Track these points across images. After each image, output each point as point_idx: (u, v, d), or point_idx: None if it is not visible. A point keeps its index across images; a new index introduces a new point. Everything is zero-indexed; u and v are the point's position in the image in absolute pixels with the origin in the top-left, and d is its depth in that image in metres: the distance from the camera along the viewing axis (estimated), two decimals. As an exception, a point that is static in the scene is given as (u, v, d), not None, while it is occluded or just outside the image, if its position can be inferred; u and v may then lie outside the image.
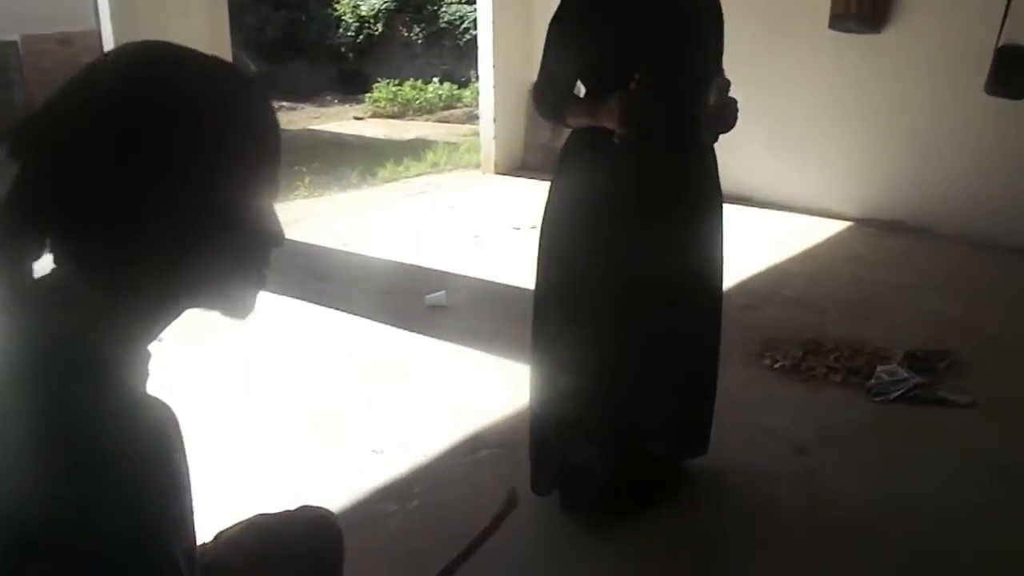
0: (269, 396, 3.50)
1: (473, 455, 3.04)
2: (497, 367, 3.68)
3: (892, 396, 3.39)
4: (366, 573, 1.60)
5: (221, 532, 1.50)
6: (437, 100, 11.62)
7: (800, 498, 2.78)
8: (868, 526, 2.63)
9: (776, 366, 3.65)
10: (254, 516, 1.56)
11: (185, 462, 0.96)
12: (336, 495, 2.68)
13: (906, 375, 3.48)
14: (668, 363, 2.60)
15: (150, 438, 0.90)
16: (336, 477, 2.86)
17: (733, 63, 2.57)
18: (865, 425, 3.24)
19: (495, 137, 7.31)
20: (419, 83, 11.88)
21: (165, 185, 0.91)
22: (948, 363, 3.64)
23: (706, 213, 2.59)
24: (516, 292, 4.37)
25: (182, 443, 0.96)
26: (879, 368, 3.55)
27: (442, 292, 4.41)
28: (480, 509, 2.62)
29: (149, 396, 0.96)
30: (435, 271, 4.89)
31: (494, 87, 7.23)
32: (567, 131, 2.53)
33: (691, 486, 2.81)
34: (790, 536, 2.60)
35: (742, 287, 4.49)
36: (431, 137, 9.47)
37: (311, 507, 1.61)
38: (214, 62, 0.98)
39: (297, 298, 4.47)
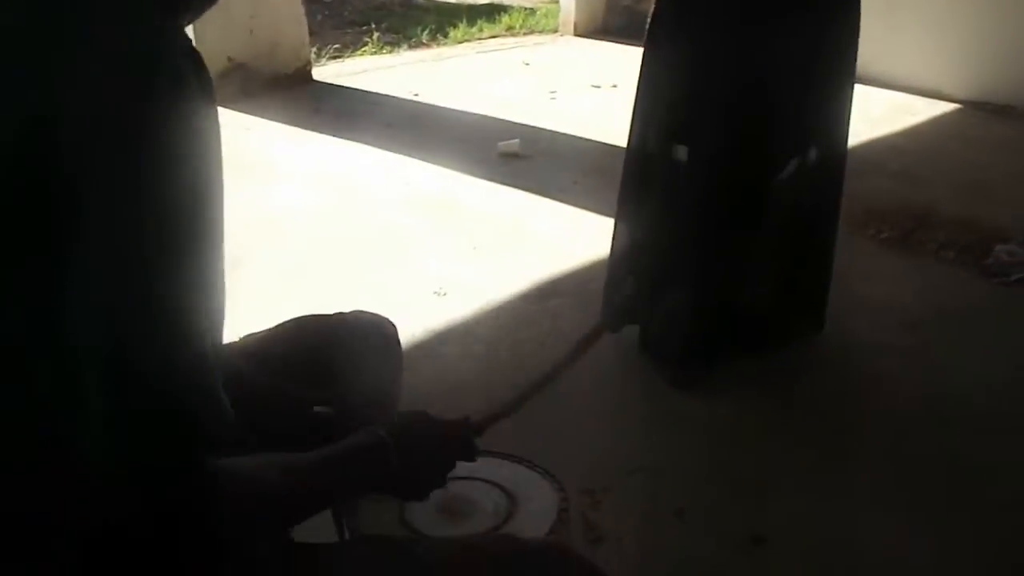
0: (333, 233, 3.30)
1: (541, 303, 2.78)
2: (571, 216, 3.41)
3: (1012, 278, 3.03)
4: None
5: (250, 334, 1.25)
6: (514, -32, 11.04)
7: (911, 373, 2.48)
8: (984, 408, 2.34)
9: (882, 236, 3.30)
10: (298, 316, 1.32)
11: (217, 139, 0.69)
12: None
13: (1029, 256, 3.11)
14: (782, 220, 2.34)
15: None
16: (396, 315, 2.61)
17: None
18: (982, 304, 2.89)
19: (577, -4, 6.84)
20: (496, -52, 11.29)
21: None
22: (1077, 246, 3.24)
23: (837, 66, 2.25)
24: (594, 145, 4.06)
25: (215, 114, 0.69)
26: (998, 247, 3.17)
27: (516, 140, 4.10)
28: (543, 356, 2.40)
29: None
30: (509, 122, 4.54)
31: (579, -58, 6.73)
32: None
33: (795, 354, 2.53)
34: (900, 411, 2.32)
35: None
36: (507, 2, 8.99)
37: (364, 312, 1.36)
38: None
39: (363, 143, 4.22)
